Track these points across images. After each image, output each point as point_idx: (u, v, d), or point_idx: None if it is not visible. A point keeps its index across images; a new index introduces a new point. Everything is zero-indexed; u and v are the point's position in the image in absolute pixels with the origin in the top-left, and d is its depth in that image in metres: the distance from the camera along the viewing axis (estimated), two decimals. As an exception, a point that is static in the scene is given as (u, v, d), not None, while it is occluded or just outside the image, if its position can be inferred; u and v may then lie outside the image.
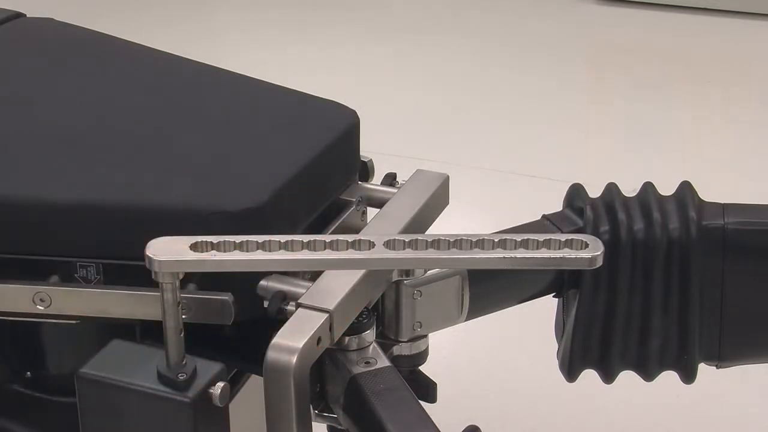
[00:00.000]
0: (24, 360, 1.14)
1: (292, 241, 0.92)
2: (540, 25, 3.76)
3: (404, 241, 0.93)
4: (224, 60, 1.48)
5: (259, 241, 0.91)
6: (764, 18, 3.75)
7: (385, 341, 1.07)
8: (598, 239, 0.93)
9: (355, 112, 1.19)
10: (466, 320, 1.12)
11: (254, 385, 1.06)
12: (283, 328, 0.92)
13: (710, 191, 1.21)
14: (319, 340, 0.92)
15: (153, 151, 1.12)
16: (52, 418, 1.14)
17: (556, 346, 1.21)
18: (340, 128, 1.15)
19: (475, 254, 0.93)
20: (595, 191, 1.17)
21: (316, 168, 1.10)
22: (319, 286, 0.97)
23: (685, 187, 1.15)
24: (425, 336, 1.10)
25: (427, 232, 1.08)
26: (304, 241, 0.92)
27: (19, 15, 1.43)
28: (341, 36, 3.67)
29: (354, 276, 0.98)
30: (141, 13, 3.85)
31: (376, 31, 3.73)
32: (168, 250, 0.88)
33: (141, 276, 0.93)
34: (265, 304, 0.98)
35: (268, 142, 1.14)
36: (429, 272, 1.06)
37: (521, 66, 3.42)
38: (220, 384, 0.88)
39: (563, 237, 0.93)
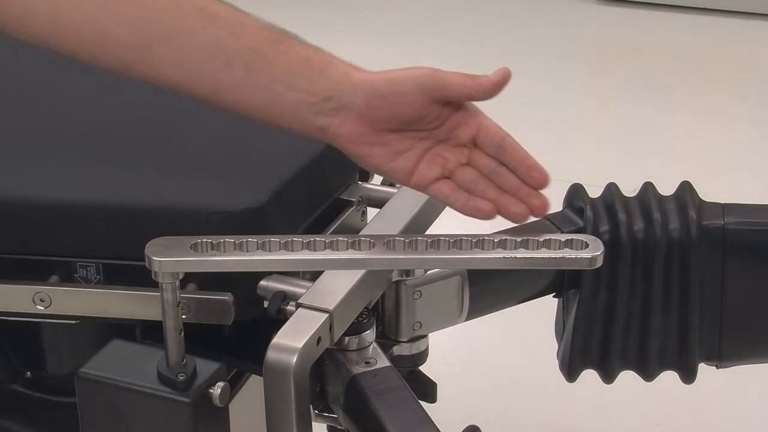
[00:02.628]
0: (24, 360, 1.14)
1: (291, 241, 0.92)
2: (540, 25, 3.76)
3: (404, 241, 0.93)
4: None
5: (259, 241, 0.91)
6: (764, 18, 3.75)
7: (385, 341, 1.07)
8: (598, 239, 0.93)
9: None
10: (466, 320, 1.12)
11: (254, 385, 1.06)
12: (283, 328, 0.92)
13: (710, 191, 1.21)
14: (319, 340, 0.92)
15: (153, 151, 1.12)
16: (52, 418, 1.14)
17: (556, 346, 1.21)
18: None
19: (475, 254, 0.93)
20: (595, 191, 1.17)
21: (316, 168, 1.10)
22: (319, 286, 0.97)
23: (685, 187, 1.15)
24: (425, 336, 1.10)
25: (427, 232, 1.08)
26: (304, 241, 0.92)
27: (19, 15, 1.43)
28: (341, 35, 3.67)
29: (354, 276, 0.98)
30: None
31: (375, 31, 3.73)
32: (168, 250, 0.88)
33: (141, 276, 0.93)
34: (265, 304, 0.98)
35: (268, 142, 1.13)
36: (429, 272, 1.06)
37: (521, 66, 3.41)
38: (220, 384, 0.88)
39: (563, 237, 0.93)
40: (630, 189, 1.17)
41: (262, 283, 1.00)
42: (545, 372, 1.31)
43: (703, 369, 1.19)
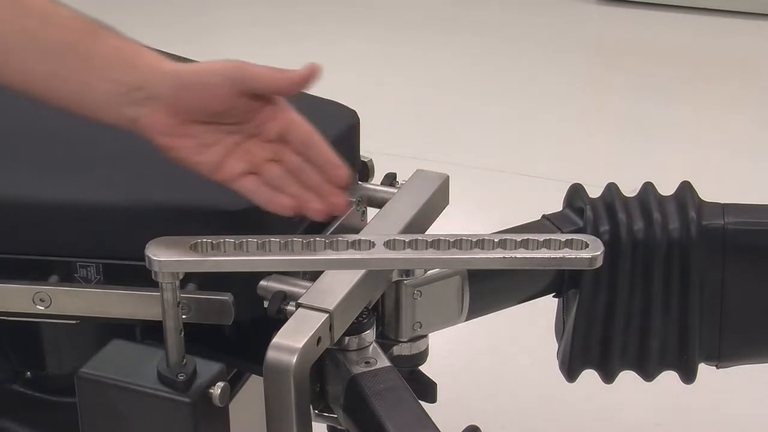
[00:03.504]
0: (24, 360, 1.14)
1: (291, 241, 0.92)
2: (540, 25, 3.76)
3: (404, 241, 0.93)
4: (224, 58, 1.48)
5: (259, 242, 0.91)
6: (764, 18, 3.75)
7: (385, 341, 1.07)
8: (598, 239, 0.93)
9: (355, 112, 1.19)
10: (466, 320, 1.12)
11: (254, 385, 1.06)
12: (283, 328, 0.92)
13: (710, 191, 1.21)
14: (319, 340, 0.92)
15: (153, 151, 1.11)
16: (52, 418, 1.14)
17: (556, 346, 1.21)
18: (340, 128, 1.15)
19: (475, 254, 0.93)
20: (595, 191, 1.17)
21: (316, 168, 1.09)
22: (319, 286, 0.97)
23: (685, 187, 1.16)
24: (425, 336, 1.10)
25: (427, 232, 1.08)
26: (304, 241, 0.92)
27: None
28: (341, 34, 3.67)
29: (354, 276, 0.98)
30: (139, 12, 3.85)
31: (376, 29, 3.73)
32: (168, 250, 0.88)
33: (141, 276, 0.93)
34: (265, 304, 0.98)
35: (268, 142, 1.13)
36: (429, 272, 1.06)
37: (521, 66, 3.42)
38: (220, 384, 0.88)
39: (563, 237, 0.93)
40: (630, 189, 1.17)
41: (262, 283, 1.00)
42: (545, 372, 1.31)
43: (703, 369, 1.19)
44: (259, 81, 0.93)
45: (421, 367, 1.11)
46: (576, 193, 1.17)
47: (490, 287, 1.12)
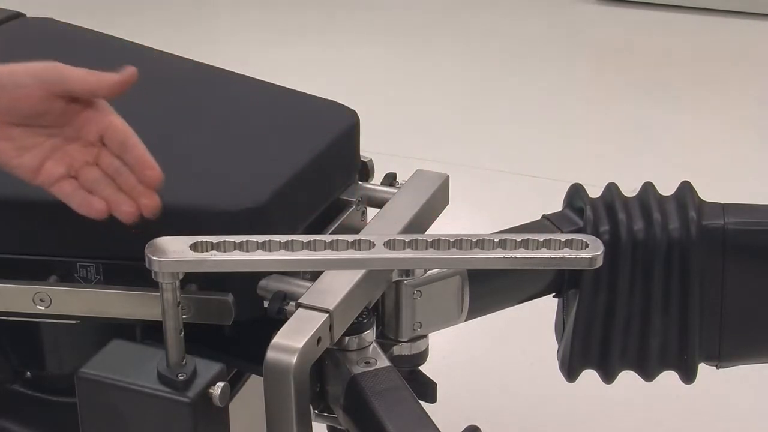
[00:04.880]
0: (24, 360, 1.14)
1: (292, 241, 0.92)
2: (540, 25, 3.77)
3: (404, 241, 0.93)
4: (224, 60, 1.48)
5: (259, 241, 0.91)
6: (764, 18, 3.75)
7: (385, 341, 1.07)
8: (598, 239, 0.93)
9: (355, 112, 1.19)
10: (466, 320, 1.12)
11: (254, 385, 1.06)
12: (283, 328, 0.92)
13: (710, 191, 1.21)
14: (319, 340, 0.92)
15: (152, 151, 1.11)
16: (52, 418, 1.14)
17: (556, 346, 1.21)
18: (340, 128, 1.15)
19: (475, 254, 0.93)
20: (595, 191, 1.17)
21: (316, 168, 1.10)
22: (319, 286, 0.97)
23: (685, 187, 1.16)
24: (425, 336, 1.10)
25: (427, 232, 1.08)
26: (304, 241, 0.92)
27: (19, 15, 1.43)
28: (342, 36, 3.68)
29: (354, 276, 0.98)
30: (141, 14, 3.85)
31: (376, 31, 3.73)
32: (168, 250, 0.88)
33: (141, 276, 0.93)
34: (265, 304, 0.98)
35: (268, 142, 1.14)
36: (429, 272, 1.06)
37: (521, 66, 3.42)
38: (220, 384, 0.88)
39: (563, 237, 0.93)
40: (630, 189, 1.17)
41: (262, 283, 1.00)
42: (545, 372, 1.31)
43: (703, 369, 1.19)
44: (73, 84, 0.92)
45: (421, 367, 1.11)
46: (576, 193, 1.17)
47: (490, 287, 1.12)
